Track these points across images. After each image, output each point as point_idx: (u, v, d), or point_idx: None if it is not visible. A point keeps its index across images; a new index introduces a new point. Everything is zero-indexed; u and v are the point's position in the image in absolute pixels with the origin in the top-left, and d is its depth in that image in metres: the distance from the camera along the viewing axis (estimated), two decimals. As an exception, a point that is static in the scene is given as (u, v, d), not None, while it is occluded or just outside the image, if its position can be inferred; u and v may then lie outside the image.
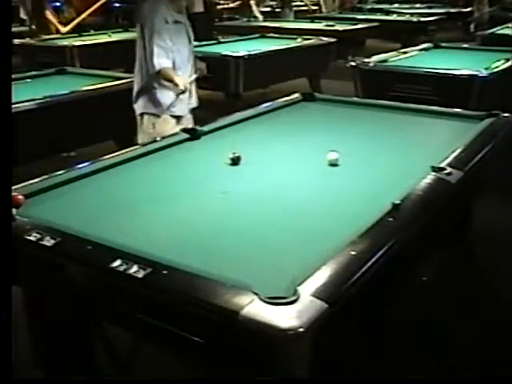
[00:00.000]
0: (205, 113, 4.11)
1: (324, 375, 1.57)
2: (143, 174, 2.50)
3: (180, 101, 3.63)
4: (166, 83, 3.57)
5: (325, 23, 9.38)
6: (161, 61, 3.49)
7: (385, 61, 5.24)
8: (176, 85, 3.48)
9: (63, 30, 8.65)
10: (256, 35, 8.07)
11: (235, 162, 2.55)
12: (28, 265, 1.89)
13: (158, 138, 2.86)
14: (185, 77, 3.60)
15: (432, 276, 2.84)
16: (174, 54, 3.57)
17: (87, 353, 2.22)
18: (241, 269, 1.65)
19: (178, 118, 3.74)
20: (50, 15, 8.63)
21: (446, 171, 2.31)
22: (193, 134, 2.98)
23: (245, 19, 10.41)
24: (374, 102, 3.72)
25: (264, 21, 10.30)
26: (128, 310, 1.67)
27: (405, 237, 1.88)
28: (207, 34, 8.99)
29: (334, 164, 2.55)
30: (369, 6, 13.98)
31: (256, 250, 1.81)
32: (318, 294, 1.45)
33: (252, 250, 1.80)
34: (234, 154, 2.55)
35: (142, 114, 3.71)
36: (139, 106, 3.71)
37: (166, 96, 3.62)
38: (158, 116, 3.66)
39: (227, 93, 6.50)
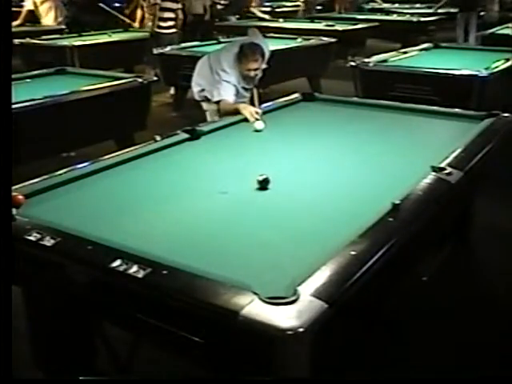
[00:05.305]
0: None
1: (324, 375, 1.57)
2: (143, 174, 2.50)
3: None
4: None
5: (325, 23, 9.37)
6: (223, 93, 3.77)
7: (385, 61, 5.23)
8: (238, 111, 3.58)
9: (136, 24, 8.94)
10: (256, 35, 8.03)
11: (263, 185, 2.28)
12: (28, 265, 1.89)
13: (158, 138, 2.85)
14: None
15: (432, 276, 2.83)
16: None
17: (87, 353, 2.22)
18: (241, 269, 1.65)
19: None
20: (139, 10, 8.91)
21: (446, 171, 2.32)
22: (193, 134, 2.98)
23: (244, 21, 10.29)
24: (373, 102, 3.72)
25: (269, 20, 10.24)
26: (128, 310, 1.68)
27: (405, 237, 1.88)
28: (207, 33, 9.00)
29: (258, 131, 3.09)
30: (369, 6, 13.94)
31: (256, 249, 1.81)
32: (317, 294, 1.45)
33: (252, 250, 1.80)
34: (261, 176, 2.29)
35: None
36: None
37: None
38: None
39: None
